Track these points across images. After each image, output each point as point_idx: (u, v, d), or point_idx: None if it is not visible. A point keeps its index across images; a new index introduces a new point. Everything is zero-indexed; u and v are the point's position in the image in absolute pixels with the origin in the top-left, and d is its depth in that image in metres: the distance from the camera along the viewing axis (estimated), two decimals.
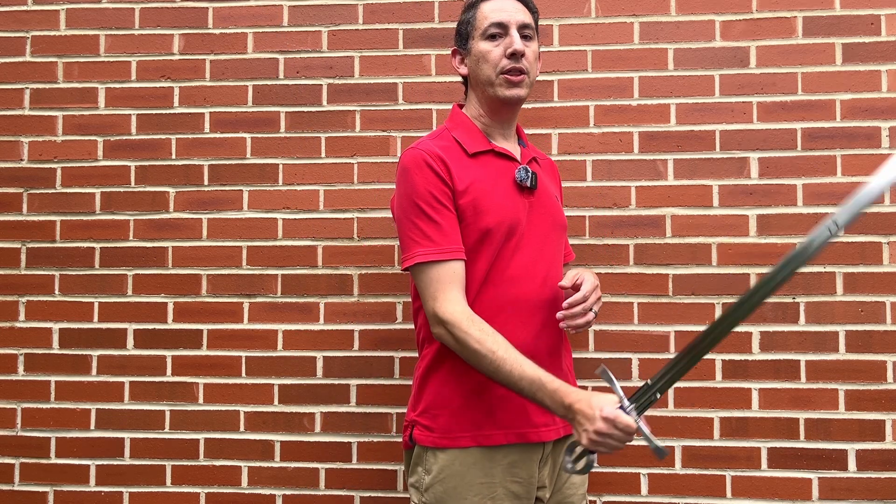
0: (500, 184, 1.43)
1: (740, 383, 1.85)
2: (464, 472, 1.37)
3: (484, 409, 1.38)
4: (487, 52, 1.43)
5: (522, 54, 1.42)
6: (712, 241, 1.88)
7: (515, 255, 1.40)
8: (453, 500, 1.37)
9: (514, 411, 1.39)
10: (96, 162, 1.99)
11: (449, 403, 1.40)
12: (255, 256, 1.95)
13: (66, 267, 1.98)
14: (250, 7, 2.00)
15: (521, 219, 1.42)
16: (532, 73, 1.46)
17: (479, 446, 1.38)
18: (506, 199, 1.41)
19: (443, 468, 1.38)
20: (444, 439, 1.38)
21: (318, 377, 1.92)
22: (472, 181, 1.39)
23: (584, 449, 1.27)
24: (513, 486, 1.39)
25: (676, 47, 1.92)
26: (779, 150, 1.88)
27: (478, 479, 1.37)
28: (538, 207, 1.46)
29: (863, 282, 1.84)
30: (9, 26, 2.03)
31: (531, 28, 1.46)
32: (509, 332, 1.34)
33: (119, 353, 1.95)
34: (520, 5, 1.48)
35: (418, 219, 1.37)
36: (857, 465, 1.81)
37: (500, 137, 1.51)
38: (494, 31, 1.43)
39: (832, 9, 1.89)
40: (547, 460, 1.45)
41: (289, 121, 1.97)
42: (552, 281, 1.44)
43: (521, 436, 1.39)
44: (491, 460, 1.38)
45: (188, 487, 1.92)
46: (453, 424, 1.38)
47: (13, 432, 1.96)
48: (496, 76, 1.43)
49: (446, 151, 1.41)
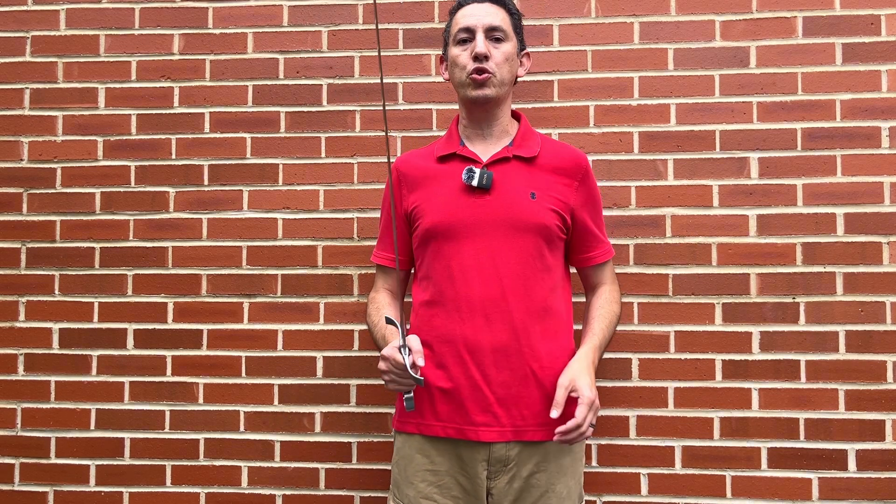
0: (448, 186, 1.50)
1: (740, 383, 1.85)
2: (411, 455, 1.47)
3: (428, 399, 1.46)
4: (457, 56, 1.51)
5: (486, 56, 1.47)
6: (712, 241, 1.88)
7: (457, 253, 1.46)
8: (404, 482, 1.47)
9: (452, 405, 1.44)
10: (96, 162, 1.99)
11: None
12: (255, 256, 1.95)
13: (66, 267, 1.98)
14: (250, 7, 2.00)
15: (464, 219, 1.47)
16: (500, 73, 1.49)
17: (421, 434, 1.47)
18: (448, 200, 1.48)
19: (398, 450, 1.51)
20: (399, 423, 1.52)
21: (318, 377, 1.92)
22: (426, 187, 1.53)
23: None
24: (461, 478, 1.44)
25: (676, 47, 1.92)
26: (779, 150, 1.88)
27: (423, 466, 1.45)
28: (491, 207, 1.47)
29: (863, 282, 1.84)
30: (9, 26, 2.03)
31: (501, 31, 1.49)
32: (450, 326, 1.45)
33: (119, 353, 1.95)
34: (492, 8, 1.51)
35: (380, 223, 1.68)
36: (857, 465, 1.81)
37: (478, 139, 1.55)
38: (463, 35, 1.51)
39: (832, 9, 1.89)
40: (504, 470, 1.42)
41: (289, 121, 1.97)
42: (506, 279, 1.44)
43: (459, 431, 1.43)
44: (436, 449, 1.45)
45: (188, 487, 1.92)
46: (404, 411, 1.50)
47: (13, 432, 1.96)
48: (465, 78, 1.49)
49: (414, 161, 1.58)
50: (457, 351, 1.43)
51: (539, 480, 1.43)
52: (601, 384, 1.87)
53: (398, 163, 1.61)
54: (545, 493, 1.42)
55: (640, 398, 1.86)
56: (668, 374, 1.86)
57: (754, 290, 1.86)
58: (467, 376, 1.42)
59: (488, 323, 1.42)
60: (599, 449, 1.86)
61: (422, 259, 1.53)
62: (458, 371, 1.43)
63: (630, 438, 1.86)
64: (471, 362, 1.42)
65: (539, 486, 1.42)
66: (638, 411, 1.86)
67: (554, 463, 1.44)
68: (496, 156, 1.52)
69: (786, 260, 1.86)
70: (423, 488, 1.43)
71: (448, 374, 1.44)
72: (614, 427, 1.86)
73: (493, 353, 1.42)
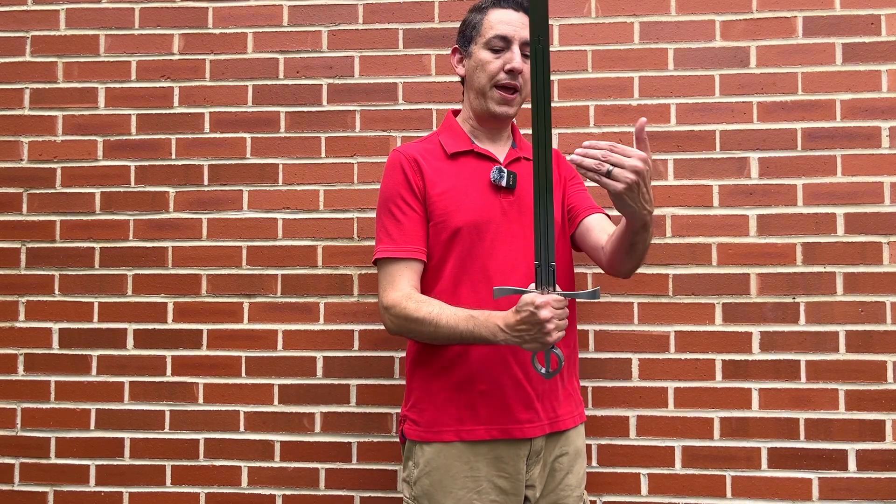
0: (474, 184, 1.47)
1: (740, 383, 1.85)
2: (448, 465, 1.41)
3: (466, 404, 1.42)
4: (487, 62, 1.46)
5: (520, 72, 1.45)
6: (712, 241, 1.88)
7: (490, 252, 1.43)
8: (439, 493, 1.41)
9: (495, 407, 1.41)
10: (96, 162, 1.99)
11: (434, 398, 1.44)
12: (255, 256, 1.95)
13: (66, 267, 1.98)
14: (250, 7, 2.00)
15: (495, 218, 1.45)
16: (525, 90, 1.48)
17: (461, 441, 1.42)
18: (478, 198, 1.45)
19: (429, 461, 1.43)
20: (429, 433, 1.43)
21: (318, 377, 1.92)
22: (446, 182, 1.46)
23: (546, 350, 1.29)
24: (499, 480, 1.42)
25: (676, 47, 1.92)
26: (779, 150, 1.88)
27: (462, 473, 1.41)
28: (518, 206, 1.47)
29: (863, 282, 1.84)
30: (9, 26, 2.03)
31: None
32: None
33: (119, 353, 1.95)
34: (526, 20, 1.47)
35: (386, 217, 1.47)
36: (857, 465, 1.81)
37: (486, 140, 1.54)
38: (498, 44, 1.46)
39: (832, 9, 1.89)
40: (538, 460, 1.45)
41: (289, 121, 1.97)
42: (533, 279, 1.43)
43: (504, 431, 1.41)
44: (475, 454, 1.41)
45: (188, 487, 1.92)
46: (437, 418, 1.43)
47: (13, 432, 1.96)
48: (490, 87, 1.47)
49: (426, 154, 1.49)
50: (498, 350, 1.42)
51: (562, 464, 1.48)
52: (601, 384, 1.87)
53: (406, 151, 1.49)
54: (567, 475, 1.48)
55: (641, 398, 1.86)
56: (669, 374, 1.86)
57: (754, 290, 1.86)
58: (510, 375, 1.42)
59: None
60: (599, 449, 1.86)
61: (443, 257, 1.45)
62: (500, 370, 1.42)
63: (630, 438, 1.86)
64: (513, 361, 1.42)
65: (562, 469, 1.48)
66: (638, 411, 1.86)
67: (572, 446, 1.49)
68: (510, 156, 1.53)
69: (786, 260, 1.86)
70: (463, 495, 1.40)
71: (490, 376, 1.42)
72: (614, 427, 1.86)
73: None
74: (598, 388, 1.87)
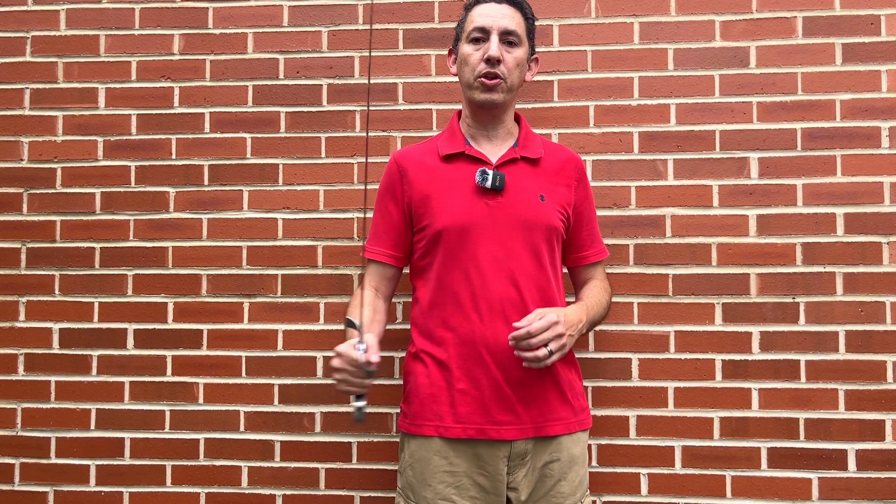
0: (461, 186, 1.49)
1: (740, 383, 1.85)
2: (428, 458, 1.45)
3: (447, 402, 1.45)
4: (469, 55, 1.50)
5: (499, 60, 1.46)
6: (712, 241, 1.88)
7: (473, 255, 1.45)
8: (420, 485, 1.45)
9: (473, 406, 1.43)
10: (96, 162, 1.99)
11: (420, 392, 1.48)
12: (255, 256, 1.95)
13: (66, 267, 1.98)
14: (250, 7, 2.00)
15: (479, 220, 1.46)
16: (510, 78, 1.49)
17: (440, 437, 1.45)
18: (463, 201, 1.47)
19: (412, 453, 1.48)
20: (413, 426, 1.49)
21: (318, 377, 1.92)
22: (434, 185, 1.50)
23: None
24: (479, 477, 1.44)
25: (676, 47, 1.92)
26: (779, 150, 1.88)
27: (441, 468, 1.44)
28: (505, 208, 1.48)
29: (863, 282, 1.84)
30: (9, 26, 2.03)
31: (516, 35, 1.49)
32: (469, 327, 1.44)
33: (119, 353, 1.95)
34: (509, 10, 1.50)
35: (373, 218, 1.61)
36: (857, 465, 1.81)
37: (483, 139, 1.55)
38: (477, 35, 1.49)
39: (832, 9, 1.89)
40: (523, 463, 1.45)
41: (289, 121, 1.97)
42: (521, 280, 1.46)
43: (480, 431, 1.43)
44: (455, 450, 1.44)
45: (188, 487, 1.92)
46: (420, 413, 1.47)
47: (13, 432, 1.96)
48: (474, 80, 1.49)
49: (418, 157, 1.55)
50: (477, 352, 1.44)
51: (552, 470, 1.47)
52: (601, 384, 1.87)
53: (398, 156, 1.58)
54: (559, 482, 1.47)
55: (640, 398, 1.86)
56: (668, 374, 1.86)
57: (754, 290, 1.86)
58: (489, 377, 1.43)
59: (508, 324, 1.42)
60: (599, 449, 1.86)
61: (430, 259, 1.50)
62: (480, 372, 1.44)
63: (630, 438, 1.86)
64: (492, 363, 1.43)
65: (553, 476, 1.47)
66: (638, 411, 1.86)
67: (565, 453, 1.48)
68: (505, 157, 1.52)
69: (786, 260, 1.86)
70: (442, 489, 1.43)
71: (468, 376, 1.44)
72: (614, 427, 1.86)
73: (514, 354, 1.42)
74: (598, 388, 1.87)
